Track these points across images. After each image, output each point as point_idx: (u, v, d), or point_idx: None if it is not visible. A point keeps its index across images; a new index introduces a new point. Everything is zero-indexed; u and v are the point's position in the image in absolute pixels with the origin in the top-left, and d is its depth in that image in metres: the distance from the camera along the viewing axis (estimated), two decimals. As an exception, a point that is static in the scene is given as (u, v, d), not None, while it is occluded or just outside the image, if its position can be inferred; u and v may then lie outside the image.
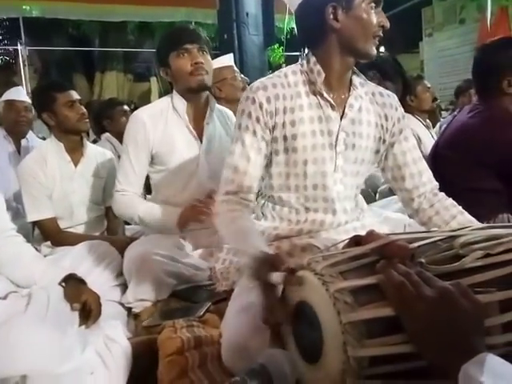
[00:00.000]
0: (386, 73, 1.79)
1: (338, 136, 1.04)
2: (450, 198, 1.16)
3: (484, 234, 0.71)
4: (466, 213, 1.12)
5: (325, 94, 1.03)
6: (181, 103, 1.52)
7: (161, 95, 1.73)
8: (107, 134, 2.86)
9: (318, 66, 1.03)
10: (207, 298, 1.26)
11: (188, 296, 1.32)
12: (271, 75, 1.08)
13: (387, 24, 1.00)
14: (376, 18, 0.98)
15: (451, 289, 0.55)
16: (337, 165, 1.06)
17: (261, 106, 1.01)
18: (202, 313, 1.17)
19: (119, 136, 2.62)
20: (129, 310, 1.38)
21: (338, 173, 1.06)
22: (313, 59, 1.04)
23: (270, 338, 0.74)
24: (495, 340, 0.60)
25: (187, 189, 1.53)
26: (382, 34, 1.01)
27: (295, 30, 4.06)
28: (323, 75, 1.02)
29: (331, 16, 0.98)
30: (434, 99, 2.76)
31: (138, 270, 1.33)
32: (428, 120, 2.75)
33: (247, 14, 4.02)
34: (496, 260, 0.65)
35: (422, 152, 1.31)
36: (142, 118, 1.49)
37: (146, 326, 1.21)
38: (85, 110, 1.84)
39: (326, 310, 0.60)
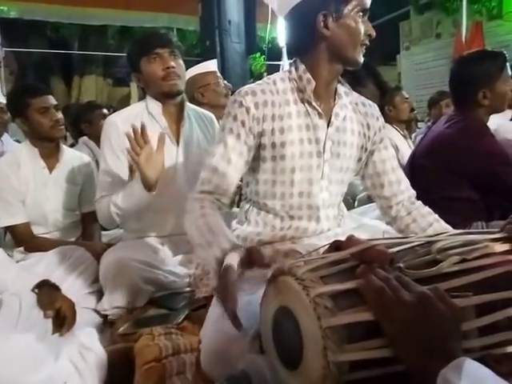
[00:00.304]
0: (357, 78, 1.81)
1: (325, 144, 1.05)
2: (427, 206, 1.19)
3: (460, 240, 0.72)
4: (441, 220, 1.15)
5: (313, 103, 1.04)
6: (156, 106, 1.50)
7: (140, 100, 1.71)
8: (85, 138, 2.79)
9: (308, 74, 1.03)
10: (186, 305, 1.24)
11: (166, 303, 1.30)
12: (260, 81, 1.07)
13: (373, 33, 1.02)
14: (363, 26, 1.00)
15: (429, 293, 0.56)
16: (324, 172, 1.06)
17: (248, 111, 1.01)
18: (180, 320, 1.15)
19: (98, 140, 2.56)
20: (104, 317, 1.34)
21: (324, 180, 1.07)
22: (302, 67, 1.04)
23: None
24: (472, 344, 0.61)
25: (165, 194, 1.49)
26: (368, 43, 1.03)
27: (277, 39, 4.09)
28: (313, 83, 1.03)
29: (322, 24, 0.98)
30: (412, 110, 2.83)
31: (114, 277, 1.30)
32: (406, 130, 2.82)
33: (229, 22, 4.04)
34: (472, 265, 0.67)
35: (399, 161, 1.34)
36: (115, 122, 1.46)
37: (122, 333, 1.18)
38: (60, 115, 1.78)
39: (307, 315, 0.60)
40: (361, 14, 0.99)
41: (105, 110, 2.84)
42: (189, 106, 1.60)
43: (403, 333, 0.55)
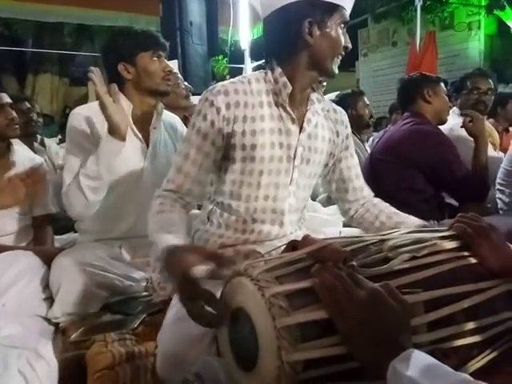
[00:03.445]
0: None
1: (296, 150, 1.05)
2: (377, 198, 1.23)
3: (411, 238, 0.75)
4: (390, 206, 1.20)
5: (287, 107, 1.03)
6: (126, 105, 1.46)
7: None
8: None
9: (285, 78, 1.01)
10: (142, 310, 1.21)
11: (121, 308, 1.26)
12: (234, 80, 1.04)
13: (350, 45, 1.03)
14: (343, 38, 1.01)
15: (380, 290, 0.58)
16: (293, 178, 1.06)
17: (218, 111, 0.98)
18: (135, 325, 1.11)
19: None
20: (56, 325, 1.28)
21: (292, 186, 1.07)
22: (278, 69, 1.02)
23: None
24: (421, 339, 0.63)
25: (131, 195, 1.46)
26: (343, 54, 1.03)
27: (239, 42, 4.09)
28: (290, 88, 1.01)
29: (307, 30, 0.97)
30: (370, 116, 2.93)
31: (65, 282, 1.24)
32: (362, 135, 2.90)
33: (191, 23, 4.00)
34: (421, 262, 0.69)
35: None
36: (84, 114, 1.42)
37: (74, 341, 1.13)
38: (15, 114, 1.71)
39: (262, 316, 0.60)
40: (342, 25, 1.00)
41: (27, 104, 2.59)
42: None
43: (355, 329, 0.56)
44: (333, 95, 2.93)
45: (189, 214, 1.06)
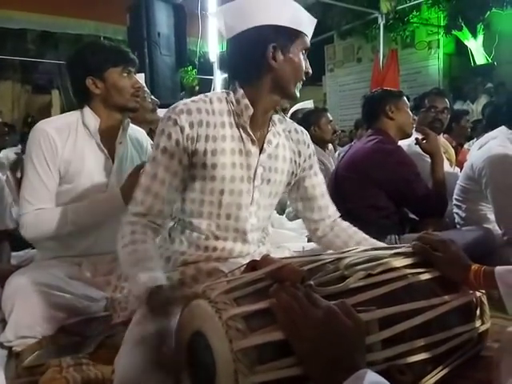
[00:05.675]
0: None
1: (256, 170, 1.05)
2: (346, 222, 1.24)
3: (367, 255, 0.76)
4: (360, 231, 1.21)
5: (248, 129, 1.03)
6: (93, 120, 1.43)
7: (63, 109, 1.55)
8: None
9: (246, 100, 1.02)
10: (101, 332, 1.16)
11: (79, 330, 1.20)
12: (196, 98, 1.04)
13: (310, 71, 1.06)
14: (304, 63, 1.04)
15: (334, 308, 0.58)
16: (253, 198, 1.06)
17: (182, 130, 0.98)
18: (93, 348, 1.07)
19: None
20: (9, 349, 1.21)
21: (253, 206, 1.07)
22: (240, 91, 1.02)
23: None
24: (376, 356, 0.64)
25: None
26: (304, 79, 1.06)
27: (208, 53, 4.08)
28: (251, 110, 1.02)
29: (271, 55, 0.99)
30: (334, 132, 3.00)
31: (19, 303, 1.17)
32: (327, 149, 2.97)
33: (159, 34, 3.96)
34: (376, 280, 0.71)
35: (325, 177, 1.40)
36: (48, 131, 1.36)
37: (28, 366, 1.07)
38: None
39: (219, 339, 0.59)
40: (303, 51, 1.04)
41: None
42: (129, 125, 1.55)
43: (311, 348, 0.56)
44: (309, 102, 2.99)
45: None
